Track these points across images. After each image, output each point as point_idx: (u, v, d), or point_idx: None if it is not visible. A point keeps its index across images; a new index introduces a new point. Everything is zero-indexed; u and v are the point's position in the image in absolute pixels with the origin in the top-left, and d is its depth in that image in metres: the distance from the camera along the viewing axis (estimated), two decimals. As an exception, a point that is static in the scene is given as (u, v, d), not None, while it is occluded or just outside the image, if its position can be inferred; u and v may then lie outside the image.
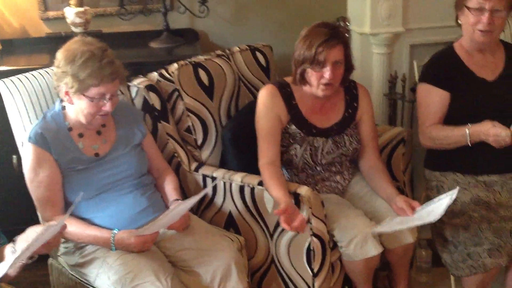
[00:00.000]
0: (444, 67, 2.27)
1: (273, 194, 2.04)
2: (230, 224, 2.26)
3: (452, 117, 2.24)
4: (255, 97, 2.35)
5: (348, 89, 2.28)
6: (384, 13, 2.84)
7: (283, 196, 1.98)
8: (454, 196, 1.99)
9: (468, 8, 2.16)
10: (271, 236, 2.17)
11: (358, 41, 2.98)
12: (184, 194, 2.26)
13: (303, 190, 2.05)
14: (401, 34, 2.91)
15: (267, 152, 2.16)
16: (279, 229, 2.13)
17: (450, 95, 2.23)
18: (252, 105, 2.30)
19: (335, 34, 2.10)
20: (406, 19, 2.88)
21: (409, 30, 2.90)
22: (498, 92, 2.21)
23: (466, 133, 2.13)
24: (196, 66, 2.41)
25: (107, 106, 1.91)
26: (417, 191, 2.69)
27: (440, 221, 2.19)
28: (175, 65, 2.38)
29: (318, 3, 3.03)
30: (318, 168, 2.24)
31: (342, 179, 2.30)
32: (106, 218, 1.93)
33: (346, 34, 2.88)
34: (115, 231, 1.88)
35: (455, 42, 2.32)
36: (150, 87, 2.29)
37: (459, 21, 2.24)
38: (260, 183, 2.14)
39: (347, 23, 3.01)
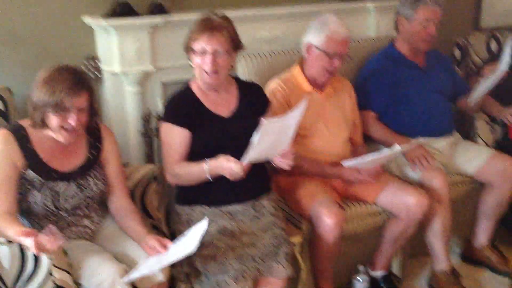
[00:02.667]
0: (181, 105, 2.33)
1: (11, 233, 1.89)
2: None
3: (195, 153, 2.30)
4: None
5: (90, 130, 2.22)
6: (133, 52, 2.85)
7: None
8: (205, 226, 2.03)
9: (193, 51, 2.26)
10: (9, 294, 1.99)
11: (110, 80, 2.95)
12: None
13: (42, 241, 1.91)
14: (152, 72, 2.94)
15: (0, 201, 1.99)
16: (19, 285, 1.96)
17: (190, 133, 2.30)
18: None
19: (80, 80, 2.04)
20: (155, 58, 2.92)
21: (159, 69, 2.95)
22: (233, 127, 2.33)
23: (205, 168, 2.21)
24: None
25: None
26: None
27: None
28: None
29: (65, 41, 2.91)
30: (62, 214, 2.12)
31: (91, 222, 2.22)
32: None
33: (92, 77, 2.83)
34: None
35: (192, 82, 2.41)
36: None
37: (191, 63, 2.34)
38: (-6, 238, 1.95)
39: (97, 62, 2.96)
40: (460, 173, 2.89)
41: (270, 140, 2.11)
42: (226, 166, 2.15)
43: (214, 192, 2.31)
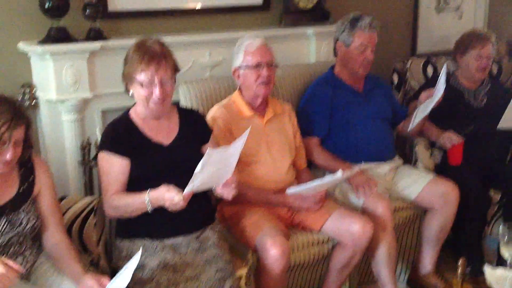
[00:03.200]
0: (120, 134, 2.26)
1: None
2: None
3: (134, 183, 2.23)
4: None
5: (22, 162, 2.11)
6: (70, 79, 2.77)
7: None
8: (138, 257, 1.95)
9: (138, 82, 2.21)
10: None
11: (46, 108, 2.84)
12: None
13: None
14: (90, 99, 2.86)
15: None
16: None
17: (130, 162, 2.22)
18: None
19: (19, 112, 1.97)
20: (93, 85, 2.85)
21: (97, 96, 2.87)
22: (174, 155, 2.27)
23: (146, 199, 2.13)
24: None
25: None
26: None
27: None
28: None
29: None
30: (-9, 253, 1.99)
31: (25, 261, 2.08)
32: None
33: (28, 106, 2.74)
34: None
35: (131, 109, 2.34)
36: None
37: (130, 91, 2.27)
38: None
39: (33, 89, 2.84)
40: (402, 199, 2.91)
41: (213, 169, 2.06)
42: (167, 196, 2.09)
43: (156, 225, 2.23)
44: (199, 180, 2.04)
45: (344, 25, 2.93)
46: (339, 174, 2.46)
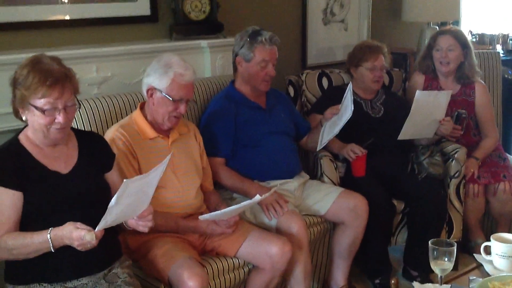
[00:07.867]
0: (10, 163, 1.94)
1: None
2: None
3: (29, 218, 1.92)
4: None
5: None
6: None
7: None
8: None
9: (36, 108, 1.90)
10: None
11: None
12: None
13: None
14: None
15: None
16: None
17: (23, 195, 1.91)
18: None
19: None
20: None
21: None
22: (73, 185, 2.01)
23: (48, 238, 1.84)
24: None
25: None
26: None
27: None
28: None
29: None
30: None
31: None
32: None
33: None
34: None
35: (20, 134, 2.02)
36: None
37: (24, 117, 1.97)
38: None
39: None
40: (312, 214, 2.82)
41: (129, 201, 1.83)
42: (76, 235, 1.81)
43: (55, 266, 1.94)
44: (113, 215, 1.79)
45: (244, 39, 2.80)
46: (257, 198, 2.32)
